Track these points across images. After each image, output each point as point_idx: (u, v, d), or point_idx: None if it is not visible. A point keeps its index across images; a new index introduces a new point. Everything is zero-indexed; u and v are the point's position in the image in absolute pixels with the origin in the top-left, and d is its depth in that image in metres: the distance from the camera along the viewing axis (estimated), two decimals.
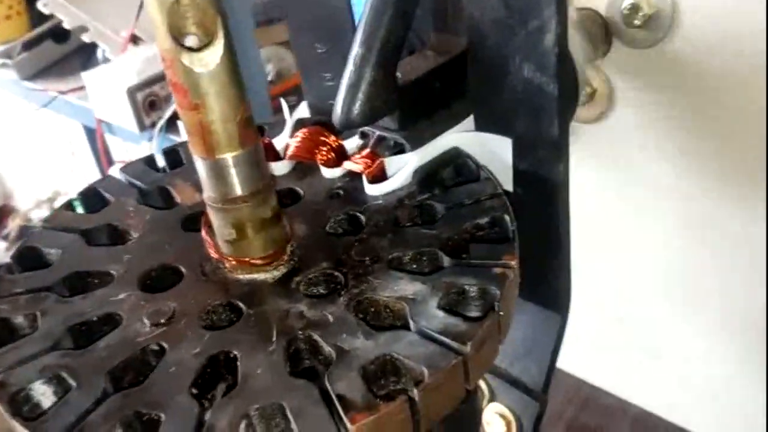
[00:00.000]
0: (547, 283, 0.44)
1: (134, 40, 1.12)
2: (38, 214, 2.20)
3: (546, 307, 0.46)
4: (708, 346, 0.67)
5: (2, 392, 0.30)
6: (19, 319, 0.34)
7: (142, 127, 1.03)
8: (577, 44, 0.47)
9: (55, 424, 0.29)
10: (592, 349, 0.80)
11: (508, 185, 0.40)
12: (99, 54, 1.18)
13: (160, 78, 1.03)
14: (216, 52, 0.29)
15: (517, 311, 0.47)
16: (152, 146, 1.01)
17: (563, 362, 0.87)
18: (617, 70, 0.54)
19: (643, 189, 0.60)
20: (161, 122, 1.00)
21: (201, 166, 0.32)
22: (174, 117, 1.00)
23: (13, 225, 2.27)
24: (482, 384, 0.49)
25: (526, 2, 0.34)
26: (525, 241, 0.36)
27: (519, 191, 0.40)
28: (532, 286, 0.44)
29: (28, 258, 0.38)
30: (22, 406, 0.30)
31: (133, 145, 1.11)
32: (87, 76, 1.07)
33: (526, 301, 0.46)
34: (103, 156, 1.23)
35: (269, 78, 1.00)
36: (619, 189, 0.61)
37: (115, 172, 0.44)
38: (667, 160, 0.57)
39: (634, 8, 0.50)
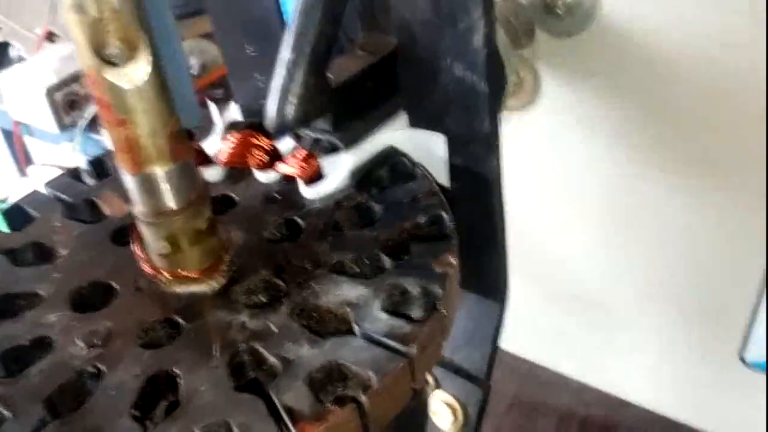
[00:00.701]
0: (485, 273, 0.45)
1: (50, 37, 1.07)
2: None
3: (485, 296, 0.46)
4: (639, 318, 0.70)
5: None
6: None
7: (63, 127, 0.99)
8: (500, 37, 0.47)
9: None
10: (530, 326, 0.81)
11: (444, 181, 0.41)
12: (13, 53, 1.12)
13: (79, 76, 0.99)
14: (141, 66, 0.28)
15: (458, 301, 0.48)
16: (74, 147, 0.97)
17: (501, 341, 0.89)
18: (543, 60, 0.55)
19: (570, 173, 0.61)
20: (82, 122, 0.96)
21: (129, 182, 0.31)
22: (96, 116, 0.97)
23: None
24: (428, 375, 0.50)
25: (454, 4, 0.34)
26: (462, 233, 0.37)
27: (455, 186, 0.41)
28: (471, 276, 0.44)
29: None
30: None
31: (53, 146, 1.07)
32: (1, 77, 1.02)
33: (465, 291, 0.47)
34: (22, 159, 1.18)
35: (194, 72, 0.97)
36: (548, 174, 0.62)
37: (39, 186, 0.42)
38: (593, 146, 0.58)
39: None
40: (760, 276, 0.58)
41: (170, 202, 0.31)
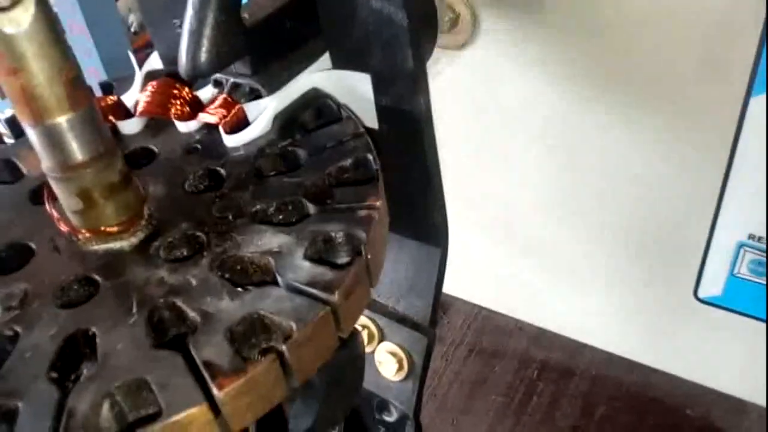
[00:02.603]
0: (423, 218, 0.44)
1: None
2: None
3: (425, 242, 0.46)
4: (591, 259, 0.70)
5: None
6: None
7: None
8: None
9: None
10: (484, 274, 0.82)
11: (373, 122, 0.40)
12: None
13: None
14: (27, 8, 0.26)
15: (397, 249, 0.47)
16: None
17: (457, 290, 0.89)
18: None
19: (510, 112, 0.61)
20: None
21: (32, 135, 0.30)
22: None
23: None
24: (371, 325, 0.49)
25: None
26: (395, 177, 0.36)
27: (383, 127, 0.39)
28: (409, 222, 0.44)
29: None
30: None
31: None
32: None
33: (404, 237, 0.46)
34: None
35: (132, 29, 0.94)
36: (487, 113, 0.61)
37: None
38: (532, 83, 0.57)
39: None
40: (712, 210, 0.58)
41: (77, 154, 0.30)
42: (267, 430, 0.59)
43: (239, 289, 0.30)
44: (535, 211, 0.69)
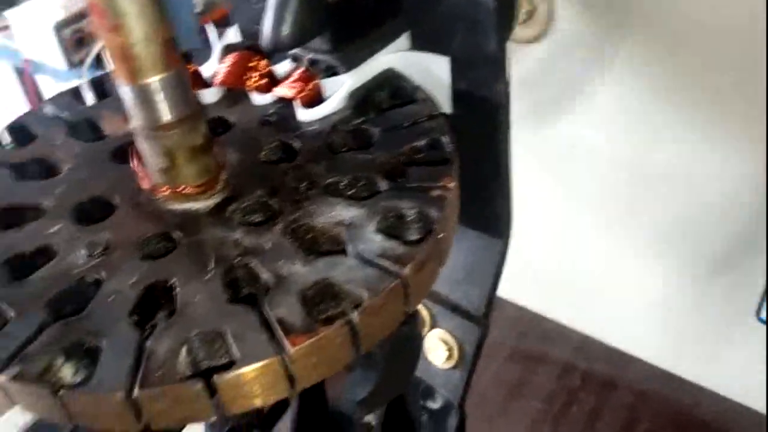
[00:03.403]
0: (488, 208, 0.45)
1: None
2: None
3: (487, 233, 0.46)
4: (646, 271, 0.69)
5: None
6: None
7: (71, 64, 0.99)
8: None
9: None
10: (534, 277, 0.81)
11: (447, 107, 0.40)
12: None
13: (86, 13, 0.99)
14: None
15: (457, 238, 0.47)
16: (82, 84, 0.97)
17: (505, 291, 0.89)
18: None
19: (574, 111, 0.60)
20: (89, 59, 0.96)
21: (127, 93, 0.31)
22: (101, 54, 0.96)
23: None
24: (423, 311, 0.50)
25: None
26: (465, 165, 0.36)
27: (458, 113, 0.40)
28: (473, 211, 0.44)
29: None
30: None
31: (63, 84, 1.07)
32: (11, 15, 1.01)
33: (466, 227, 0.47)
34: (33, 96, 1.18)
35: (197, 9, 0.96)
36: (551, 111, 0.61)
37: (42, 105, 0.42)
38: (598, 85, 0.57)
39: None
40: None
41: (166, 114, 0.31)
42: (309, 406, 0.60)
43: (311, 256, 0.31)
44: (593, 215, 0.68)
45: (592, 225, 0.70)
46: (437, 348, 0.49)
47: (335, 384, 0.67)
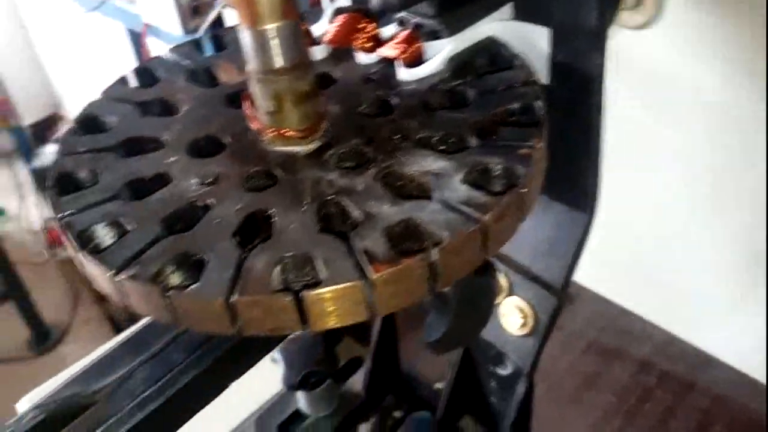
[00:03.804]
0: (576, 181, 0.46)
1: None
2: None
3: (573, 206, 0.47)
4: (738, 275, 0.68)
5: (69, 231, 0.34)
6: (83, 174, 0.38)
7: (187, 30, 1.06)
8: None
9: (115, 258, 0.32)
10: (620, 270, 0.81)
11: (544, 77, 0.41)
12: None
13: None
14: None
15: (543, 211, 0.49)
16: (202, 36, 1.03)
17: (589, 280, 0.89)
18: None
19: (676, 100, 0.60)
20: (205, 25, 1.02)
21: (246, 37, 0.34)
22: (216, 21, 1.02)
23: (62, 130, 2.34)
24: (502, 278, 0.51)
25: None
26: (556, 137, 0.38)
27: (554, 84, 0.41)
28: (561, 184, 0.45)
29: (89, 123, 0.41)
30: (87, 243, 0.33)
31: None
32: None
33: (553, 200, 0.48)
34: (146, 59, 1.26)
35: None
36: (653, 98, 0.61)
37: (165, 52, 0.46)
38: (706, 75, 0.57)
39: None
40: None
41: (278, 60, 0.34)
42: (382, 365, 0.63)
43: (398, 199, 0.33)
44: (686, 208, 0.68)
45: (684, 221, 0.70)
46: (512, 314, 0.50)
47: (408, 349, 0.70)
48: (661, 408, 0.81)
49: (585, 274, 0.86)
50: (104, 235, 0.34)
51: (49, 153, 2.23)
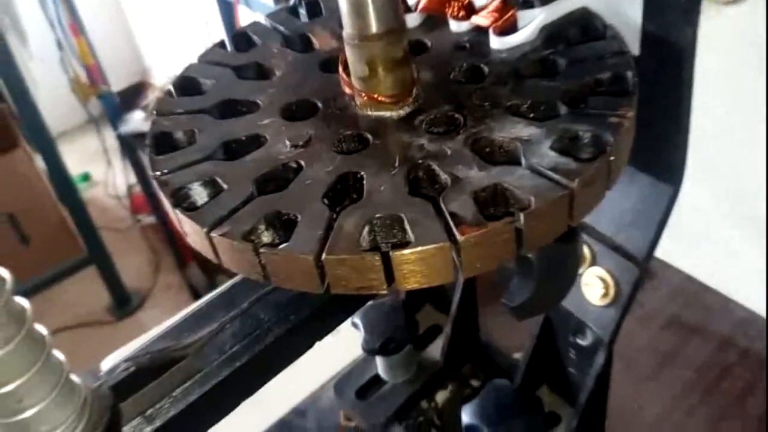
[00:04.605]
0: (663, 153, 0.45)
1: None
2: None
3: (658, 178, 0.47)
4: None
5: (166, 189, 0.36)
6: (179, 134, 0.39)
7: (278, 1, 1.08)
8: None
9: (209, 216, 0.34)
10: (703, 244, 0.80)
11: (635, 49, 0.41)
12: None
13: None
14: None
15: (628, 182, 0.49)
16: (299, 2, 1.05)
17: (670, 256, 0.87)
18: None
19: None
20: None
21: (343, 3, 0.35)
22: None
23: (151, 97, 2.42)
24: (585, 248, 0.51)
25: None
26: (646, 108, 0.37)
27: (645, 55, 0.41)
28: (648, 155, 0.45)
29: (186, 86, 0.43)
30: (182, 201, 0.35)
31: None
32: None
33: (639, 171, 0.48)
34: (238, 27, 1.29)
35: None
36: (750, 74, 0.60)
37: (261, 18, 0.47)
38: None
39: None
40: None
41: (373, 26, 0.35)
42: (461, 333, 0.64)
43: (487, 164, 0.34)
44: None
45: (761, 204, 0.68)
46: (594, 284, 0.50)
47: (487, 318, 0.71)
48: (740, 385, 0.79)
49: (667, 249, 0.85)
50: (199, 193, 0.36)
51: (136, 120, 2.30)
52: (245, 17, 1.32)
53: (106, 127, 2.45)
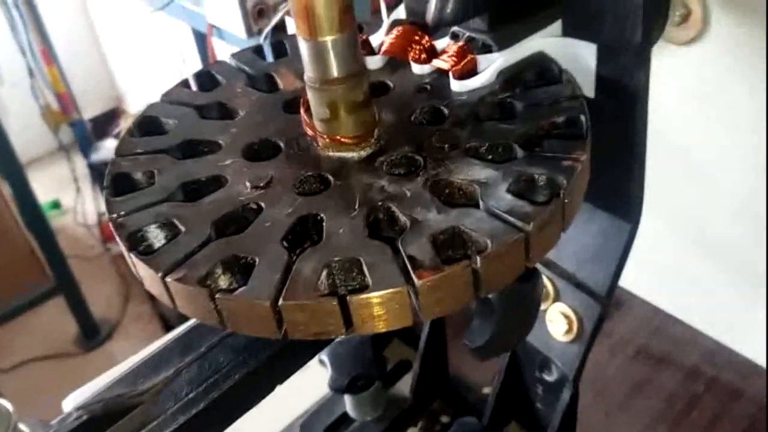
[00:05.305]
0: (620, 191, 0.46)
1: None
2: None
3: (617, 215, 0.48)
4: None
5: (122, 231, 0.36)
6: (138, 175, 0.39)
7: (250, 33, 1.08)
8: None
9: (165, 260, 0.34)
10: (667, 276, 0.81)
11: (590, 92, 0.42)
12: None
13: None
14: None
15: (588, 219, 0.49)
16: (264, 43, 1.05)
17: (638, 287, 0.88)
18: None
19: (725, 114, 0.60)
20: (267, 29, 1.04)
21: (304, 48, 0.36)
22: (279, 25, 1.04)
23: (123, 125, 2.41)
24: (548, 284, 0.52)
25: None
26: (601, 148, 0.38)
27: (600, 98, 0.42)
28: (605, 193, 0.46)
29: (148, 125, 0.43)
30: (138, 244, 0.35)
31: (239, 50, 1.17)
32: None
33: (598, 209, 0.48)
34: (212, 59, 1.29)
35: None
36: (705, 111, 0.61)
37: (226, 57, 0.48)
38: (755, 87, 0.56)
39: None
40: None
41: (334, 70, 0.36)
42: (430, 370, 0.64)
43: (446, 206, 0.34)
44: (734, 216, 0.67)
45: (733, 227, 0.69)
46: (558, 320, 0.51)
47: (456, 353, 0.71)
48: (708, 415, 0.80)
49: (633, 281, 0.86)
50: (156, 236, 0.35)
51: (107, 147, 2.28)
52: (219, 47, 1.33)
53: (77, 154, 2.43)
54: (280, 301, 0.31)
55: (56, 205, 2.70)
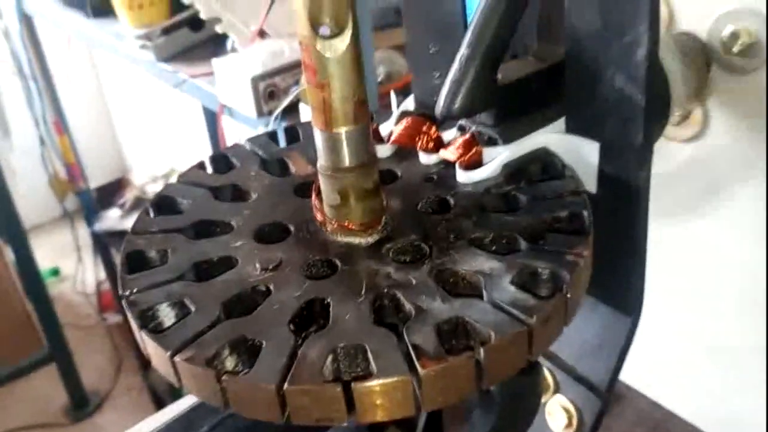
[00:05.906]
0: (620, 285, 0.47)
1: (261, 34, 1.20)
2: (153, 188, 2.36)
3: (617, 309, 0.48)
4: None
5: (133, 309, 0.36)
6: (152, 253, 0.40)
7: (260, 113, 1.11)
8: (676, 67, 0.49)
9: (174, 339, 0.34)
10: (667, 370, 0.80)
11: (592, 187, 0.44)
12: (228, 44, 1.27)
13: (281, 71, 1.11)
14: (344, 40, 0.34)
15: (589, 312, 0.50)
16: (278, 128, 1.08)
17: (638, 381, 0.87)
18: (714, 94, 0.56)
19: (725, 211, 0.61)
20: (278, 111, 1.07)
21: (319, 138, 0.37)
22: (289, 108, 1.07)
23: (129, 196, 2.44)
24: (548, 376, 0.52)
25: (621, 17, 0.37)
26: (603, 242, 0.39)
27: (602, 193, 0.43)
28: (606, 287, 0.47)
29: (164, 205, 0.44)
30: (148, 322, 0.36)
31: (249, 130, 1.19)
32: (216, 63, 1.15)
33: (598, 302, 0.49)
34: (221, 138, 1.32)
35: (379, 79, 1.06)
36: (705, 207, 0.62)
37: (241, 141, 0.50)
38: (755, 186, 0.58)
39: (734, 36, 0.52)
40: None
41: (347, 159, 0.37)
42: None
43: (450, 296, 0.35)
44: (734, 315, 0.67)
45: (734, 325, 0.69)
46: (557, 414, 0.51)
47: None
48: None
49: (633, 375, 0.85)
50: (167, 314, 0.36)
51: (111, 217, 2.30)
52: (228, 125, 1.36)
53: (80, 222, 2.45)
54: (285, 386, 0.31)
55: (56, 272, 2.70)
